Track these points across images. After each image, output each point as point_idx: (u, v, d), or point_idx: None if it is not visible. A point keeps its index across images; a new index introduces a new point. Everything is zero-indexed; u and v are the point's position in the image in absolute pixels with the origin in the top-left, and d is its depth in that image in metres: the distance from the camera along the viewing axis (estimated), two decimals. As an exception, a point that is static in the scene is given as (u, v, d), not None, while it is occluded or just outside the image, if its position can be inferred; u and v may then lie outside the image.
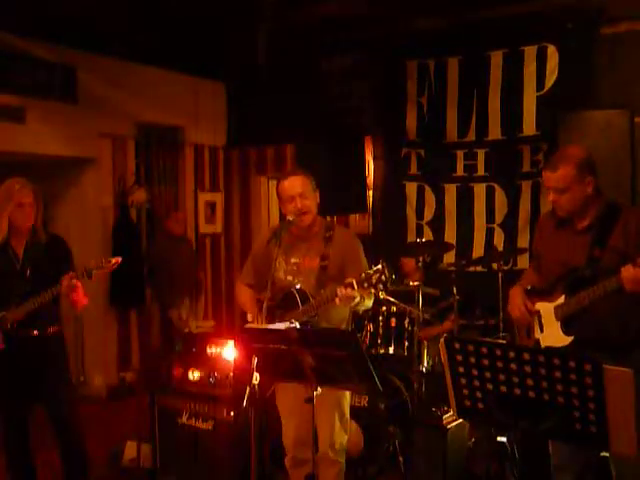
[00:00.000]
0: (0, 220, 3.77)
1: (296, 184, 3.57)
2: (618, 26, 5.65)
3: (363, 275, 3.21)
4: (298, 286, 3.53)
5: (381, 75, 6.83)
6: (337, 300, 3.30)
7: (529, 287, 3.32)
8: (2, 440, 3.98)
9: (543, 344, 3.18)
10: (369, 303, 3.59)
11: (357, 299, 3.34)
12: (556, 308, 3.13)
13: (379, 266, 3.18)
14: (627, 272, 2.79)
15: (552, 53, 5.99)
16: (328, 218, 6.96)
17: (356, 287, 3.21)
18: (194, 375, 4.17)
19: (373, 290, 3.30)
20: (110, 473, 4.68)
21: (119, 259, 3.75)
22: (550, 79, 6.02)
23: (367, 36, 6.39)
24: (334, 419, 3.57)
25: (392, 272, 3.17)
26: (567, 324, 3.10)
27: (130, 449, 4.76)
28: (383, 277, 3.17)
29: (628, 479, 2.98)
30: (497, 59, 6.25)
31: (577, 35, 5.81)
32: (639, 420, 2.09)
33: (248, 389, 2.95)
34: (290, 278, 3.60)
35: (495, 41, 6.21)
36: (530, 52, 6.09)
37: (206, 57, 6.66)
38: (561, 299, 3.12)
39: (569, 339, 3.08)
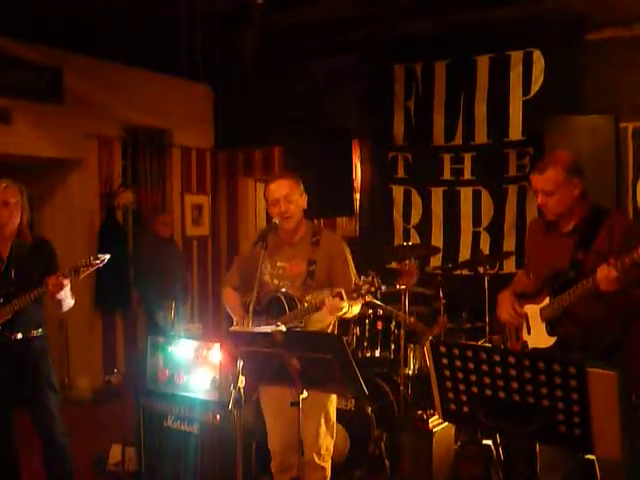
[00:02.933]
0: None
1: (282, 187, 3.56)
2: (602, 32, 5.70)
3: (353, 285, 3.21)
4: (284, 290, 3.53)
5: (368, 78, 6.85)
6: (324, 309, 3.31)
7: (518, 290, 3.36)
8: None
9: (530, 345, 3.22)
10: (356, 311, 3.59)
11: (345, 309, 3.35)
12: (541, 310, 3.18)
13: (369, 277, 3.18)
14: (601, 272, 2.83)
15: (538, 58, 6.03)
16: (315, 221, 7.01)
17: (345, 298, 3.22)
18: (180, 378, 4.15)
19: (362, 300, 3.31)
20: (95, 476, 4.65)
21: (106, 256, 3.73)
22: (536, 84, 6.06)
23: (354, 39, 6.40)
24: (320, 423, 3.56)
25: (380, 283, 3.18)
26: (551, 325, 3.14)
27: (115, 452, 4.74)
28: (372, 288, 3.17)
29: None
30: (484, 63, 6.29)
31: (562, 40, 5.86)
32: (623, 423, 2.10)
33: (234, 392, 2.94)
34: (276, 282, 3.59)
35: (482, 46, 6.24)
36: (516, 57, 6.14)
37: (193, 59, 6.65)
38: (546, 301, 3.16)
39: (553, 339, 3.11)
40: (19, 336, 3.79)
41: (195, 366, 4.09)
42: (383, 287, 3.19)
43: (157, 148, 7.37)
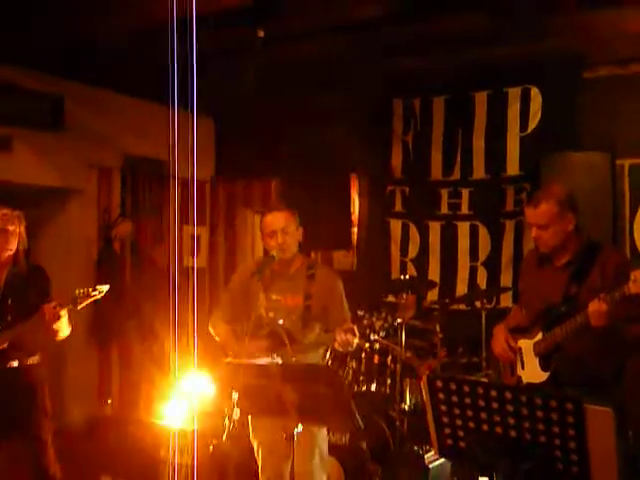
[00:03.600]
0: None
1: (279, 219, 3.58)
2: (598, 70, 5.77)
3: (366, 322, 3.21)
4: (281, 322, 3.52)
5: (367, 112, 6.91)
6: (336, 345, 3.31)
7: (512, 325, 3.35)
8: None
9: (524, 380, 3.21)
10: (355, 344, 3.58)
11: (355, 344, 3.34)
12: (535, 345, 3.17)
13: (382, 314, 3.19)
14: (592, 306, 2.83)
15: (535, 95, 6.10)
16: (313, 254, 7.02)
17: (357, 334, 3.22)
18: (173, 409, 4.12)
19: (376, 336, 3.31)
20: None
21: (105, 287, 3.73)
22: (533, 120, 6.11)
23: (352, 73, 6.47)
24: (313, 457, 3.52)
25: (394, 318, 3.20)
26: (544, 360, 3.13)
27: (106, 485, 4.68)
28: (386, 324, 3.19)
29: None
30: (481, 99, 6.35)
31: (560, 78, 5.92)
32: (620, 460, 2.09)
33: (228, 424, 2.92)
34: (272, 315, 3.58)
35: (480, 82, 6.31)
36: (514, 93, 6.20)
37: (189, 90, 6.70)
38: (539, 335, 3.15)
39: (546, 375, 3.11)
40: (15, 364, 3.76)
41: (189, 397, 4.07)
42: (396, 322, 3.21)
43: (156, 179, 7.39)
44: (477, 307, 5.45)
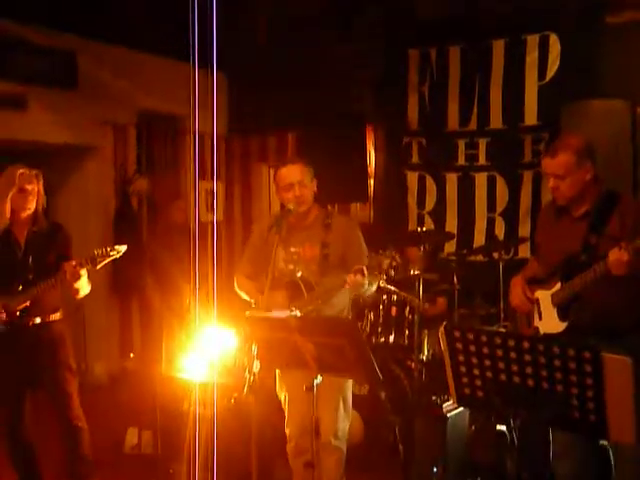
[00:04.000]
0: (2, 205, 3.78)
1: (295, 172, 3.56)
2: (621, 15, 5.62)
3: (374, 261, 3.21)
4: (299, 274, 3.53)
5: (382, 63, 6.82)
6: (346, 286, 3.31)
7: (530, 276, 3.35)
8: (5, 434, 3.99)
9: (542, 331, 3.21)
10: (373, 289, 3.59)
11: (366, 285, 3.34)
12: (553, 295, 3.17)
13: (389, 252, 3.18)
14: (613, 255, 2.81)
15: (554, 42, 5.97)
16: (329, 207, 7.01)
17: (366, 273, 3.22)
18: (195, 362, 4.18)
19: (384, 276, 3.31)
20: (112, 459, 4.70)
21: (124, 248, 3.76)
22: (552, 68, 6.01)
23: (368, 24, 6.37)
24: (337, 406, 3.57)
25: (402, 259, 3.19)
26: (563, 310, 3.13)
27: (132, 436, 4.79)
28: (394, 263, 3.17)
29: (627, 467, 3.00)
30: (499, 48, 6.23)
31: (579, 24, 5.79)
32: (638, 408, 2.10)
33: (249, 377, 2.96)
34: (291, 267, 3.59)
35: (497, 30, 6.19)
36: (532, 41, 6.08)
37: (207, 45, 6.63)
38: (557, 286, 3.15)
39: (564, 325, 3.11)
40: (37, 321, 3.83)
41: (210, 351, 4.12)
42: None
43: (171, 134, 7.37)
44: (495, 258, 5.43)
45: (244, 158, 8.14)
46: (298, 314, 3.14)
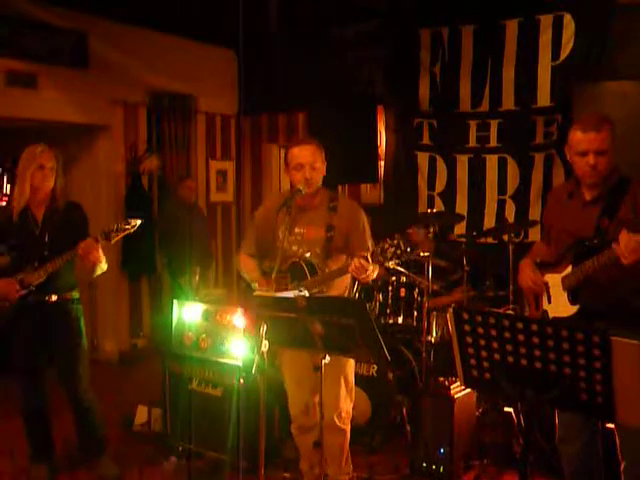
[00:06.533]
0: (22, 182, 3.82)
1: (307, 152, 3.55)
2: (635, -5, 5.56)
3: (379, 249, 3.20)
4: (308, 254, 3.54)
5: (394, 43, 6.76)
6: (350, 271, 3.32)
7: (538, 260, 3.33)
8: (21, 407, 4.04)
9: (551, 314, 3.20)
10: (375, 275, 3.58)
11: (369, 271, 3.34)
12: (563, 279, 3.14)
13: (395, 240, 3.17)
14: (622, 238, 2.78)
15: (568, 22, 5.90)
16: (340, 188, 7.00)
17: (370, 260, 3.22)
18: (204, 342, 4.20)
19: (389, 263, 3.30)
20: (122, 436, 4.75)
21: (138, 221, 3.79)
22: (566, 49, 5.94)
23: (379, 3, 6.31)
24: (340, 387, 3.59)
25: (407, 246, 3.16)
26: (573, 294, 3.11)
27: (141, 413, 4.83)
28: (398, 251, 3.16)
29: (633, 450, 3.00)
30: (512, 28, 6.17)
31: (594, 4, 5.72)
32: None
33: (257, 356, 2.97)
34: (295, 248, 3.59)
35: (510, 9, 6.12)
36: (546, 21, 6.01)
37: (218, 24, 6.60)
38: (568, 269, 3.13)
39: (574, 308, 3.09)
40: (54, 298, 3.87)
41: (219, 330, 4.14)
42: (408, 249, 3.17)
43: (182, 114, 7.37)
44: (505, 240, 5.41)
45: (254, 138, 8.13)
46: (306, 294, 3.14)
